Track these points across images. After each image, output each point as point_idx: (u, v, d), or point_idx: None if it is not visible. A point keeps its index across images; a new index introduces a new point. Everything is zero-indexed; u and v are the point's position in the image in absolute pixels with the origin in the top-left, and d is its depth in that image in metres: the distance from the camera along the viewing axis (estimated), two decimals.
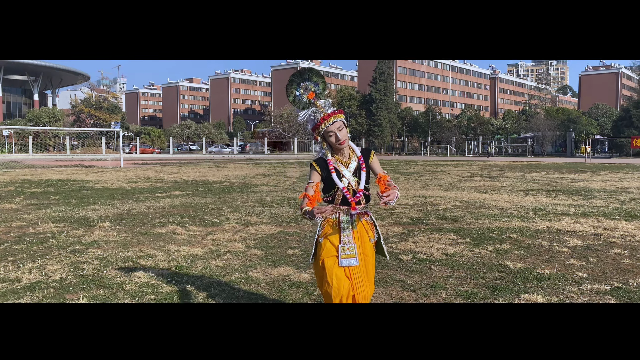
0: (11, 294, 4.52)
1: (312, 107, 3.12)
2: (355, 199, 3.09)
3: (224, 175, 21.30)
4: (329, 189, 3.14)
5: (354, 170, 3.12)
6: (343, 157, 3.15)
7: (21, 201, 11.84)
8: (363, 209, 3.16)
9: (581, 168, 28.38)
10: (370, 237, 3.18)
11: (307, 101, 3.12)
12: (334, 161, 3.13)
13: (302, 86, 3.14)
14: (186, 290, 4.65)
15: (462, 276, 5.16)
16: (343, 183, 3.09)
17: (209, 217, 9.13)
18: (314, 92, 3.13)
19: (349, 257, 3.06)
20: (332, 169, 3.10)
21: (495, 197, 12.61)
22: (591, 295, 4.49)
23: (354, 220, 3.10)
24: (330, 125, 3.06)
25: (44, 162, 37.49)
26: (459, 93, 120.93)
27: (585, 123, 66.75)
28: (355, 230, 3.11)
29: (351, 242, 3.08)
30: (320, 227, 3.17)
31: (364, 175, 3.13)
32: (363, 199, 3.14)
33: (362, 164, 3.14)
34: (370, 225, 3.22)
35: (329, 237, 3.11)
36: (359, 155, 3.17)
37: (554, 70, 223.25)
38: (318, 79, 3.15)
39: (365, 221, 3.18)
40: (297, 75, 3.15)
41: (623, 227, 8.01)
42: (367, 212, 3.20)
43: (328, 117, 3.07)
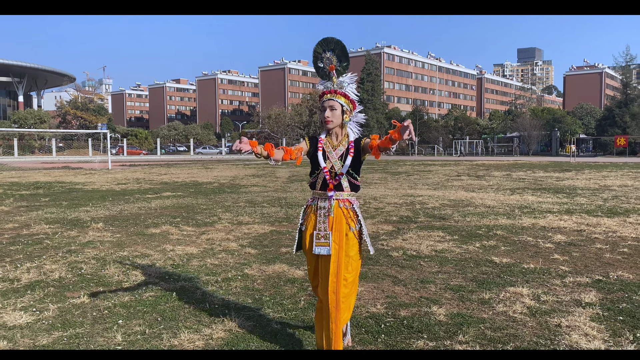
0: (12, 293, 4.61)
1: (329, 80, 3.13)
2: (334, 182, 3.05)
3: (214, 176, 21.36)
4: (314, 169, 3.13)
5: (342, 154, 3.08)
6: (334, 140, 3.13)
7: (11, 203, 11.83)
8: (347, 195, 3.09)
9: (566, 167, 28.85)
10: (351, 227, 3.07)
11: (327, 72, 3.13)
12: (324, 141, 3.13)
13: (324, 56, 3.13)
14: (184, 287, 4.77)
15: (451, 271, 5.34)
16: (326, 164, 3.07)
17: (202, 218, 9.24)
18: (335, 66, 3.12)
19: (322, 244, 3.02)
20: (320, 148, 3.10)
21: (482, 195, 12.86)
22: (573, 288, 4.70)
23: (331, 206, 3.04)
24: (325, 102, 3.07)
25: (30, 164, 37.16)
26: (446, 93, 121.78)
27: (570, 122, 67.71)
28: (332, 217, 3.04)
29: (326, 229, 3.03)
30: (303, 215, 3.20)
31: (350, 159, 3.06)
32: (348, 185, 3.08)
33: (350, 148, 3.07)
34: (352, 214, 3.11)
35: (309, 225, 3.11)
36: (350, 140, 3.11)
37: (539, 70, 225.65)
38: (341, 52, 3.13)
39: (346, 209, 3.08)
40: (322, 45, 3.14)
41: (605, 223, 8.27)
42: (349, 200, 3.11)
43: (327, 93, 3.08)
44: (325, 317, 3.01)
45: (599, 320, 3.82)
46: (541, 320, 3.85)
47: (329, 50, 3.13)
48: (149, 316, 3.99)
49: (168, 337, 3.56)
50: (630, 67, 62.57)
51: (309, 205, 3.18)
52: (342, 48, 3.12)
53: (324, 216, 3.05)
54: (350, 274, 3.04)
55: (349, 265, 3.03)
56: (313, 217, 3.10)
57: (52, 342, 3.47)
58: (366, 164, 18.42)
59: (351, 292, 3.07)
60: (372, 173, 23.48)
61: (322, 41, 3.14)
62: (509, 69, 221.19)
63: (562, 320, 3.81)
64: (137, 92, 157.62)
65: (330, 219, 3.04)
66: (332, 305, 2.96)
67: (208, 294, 4.54)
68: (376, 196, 12.78)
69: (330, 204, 3.05)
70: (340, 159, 3.07)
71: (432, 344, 3.41)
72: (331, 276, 2.97)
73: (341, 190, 3.07)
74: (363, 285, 4.79)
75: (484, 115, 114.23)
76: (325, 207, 3.06)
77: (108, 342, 3.48)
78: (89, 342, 3.48)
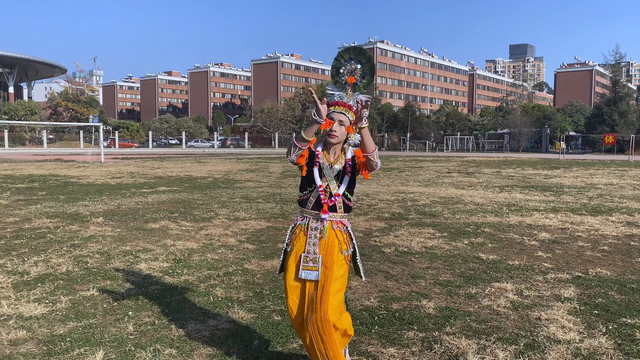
0: (24, 286, 4.84)
1: (344, 91, 2.94)
2: (329, 202, 2.85)
3: (207, 171, 21.54)
4: (306, 186, 2.91)
5: (338, 173, 2.89)
6: (331, 156, 2.90)
7: (8, 197, 11.98)
8: (340, 217, 2.91)
9: (555, 164, 29.33)
10: (342, 250, 2.87)
11: (343, 82, 2.96)
12: (321, 156, 2.89)
13: (350, 63, 2.96)
14: (188, 280, 5.03)
15: (440, 267, 5.64)
16: (322, 182, 2.87)
17: (199, 213, 9.48)
18: (355, 78, 2.95)
19: (310, 268, 2.80)
20: (317, 163, 2.87)
21: (471, 193, 13.19)
22: (554, 283, 5.01)
23: (324, 227, 2.85)
24: (336, 114, 2.83)
25: (22, 156, 37.06)
26: (438, 89, 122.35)
27: (560, 120, 68.46)
28: (324, 240, 2.84)
29: (316, 252, 2.82)
30: (290, 235, 2.97)
31: (347, 180, 2.89)
32: (342, 206, 2.90)
33: (347, 168, 2.88)
34: (345, 237, 2.91)
35: (295, 245, 2.90)
36: (347, 158, 2.90)
37: (530, 66, 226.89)
38: (368, 69, 2.97)
39: (339, 231, 2.89)
40: (353, 51, 2.98)
41: (588, 222, 8.62)
42: (342, 222, 2.92)
43: (342, 105, 2.85)
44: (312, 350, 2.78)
45: (575, 314, 4.13)
46: (523, 313, 4.15)
47: (358, 61, 2.96)
48: (157, 308, 4.24)
49: (176, 327, 3.82)
50: (619, 65, 63.27)
51: (297, 224, 2.94)
52: (371, 66, 2.98)
53: (314, 238, 2.84)
54: (335, 296, 2.80)
55: (334, 287, 2.80)
56: (303, 237, 2.88)
57: (69, 332, 3.71)
58: None
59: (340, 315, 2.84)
60: None
61: (355, 49, 2.98)
62: (501, 65, 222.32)
63: (542, 314, 4.11)
64: (128, 84, 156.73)
65: (322, 242, 2.84)
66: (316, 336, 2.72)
67: (211, 288, 4.80)
68: (369, 193, 13.06)
69: (324, 225, 2.85)
70: (337, 179, 2.88)
71: (422, 334, 3.70)
72: (317, 304, 2.75)
73: (335, 211, 2.87)
74: (357, 280, 5.07)
75: (475, 111, 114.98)
76: (317, 228, 2.85)
77: (121, 332, 3.73)
78: (103, 332, 3.73)
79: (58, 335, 3.66)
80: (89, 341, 3.56)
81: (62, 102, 75.76)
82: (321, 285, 2.77)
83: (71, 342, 3.54)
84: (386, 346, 3.49)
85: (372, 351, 3.42)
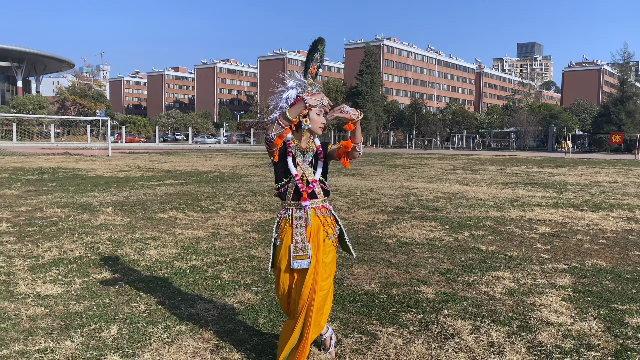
0: (39, 268, 5.04)
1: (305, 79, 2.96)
2: (308, 190, 2.87)
3: (213, 165, 21.76)
4: (282, 177, 2.92)
5: (311, 160, 2.93)
6: (303, 144, 2.94)
7: (19, 187, 12.23)
8: (322, 202, 2.94)
9: (560, 163, 29.36)
10: (329, 234, 2.93)
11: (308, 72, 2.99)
12: (293, 145, 2.91)
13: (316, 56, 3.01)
14: (196, 265, 5.22)
15: (440, 257, 5.80)
16: (297, 171, 2.89)
17: (206, 205, 9.67)
18: (316, 68, 3.00)
19: (301, 257, 2.84)
20: (290, 153, 2.88)
21: (475, 189, 13.33)
22: (550, 273, 5.16)
23: (308, 215, 2.88)
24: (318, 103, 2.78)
25: (30, 149, 37.44)
26: (445, 87, 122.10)
27: (566, 119, 68.26)
28: (309, 227, 2.88)
29: (304, 241, 2.85)
30: (276, 228, 2.99)
31: (321, 165, 2.93)
32: (321, 192, 2.92)
33: (320, 154, 2.94)
34: (330, 220, 2.98)
35: (284, 239, 2.91)
36: (317, 145, 2.97)
37: (538, 65, 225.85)
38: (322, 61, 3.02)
39: (323, 216, 2.94)
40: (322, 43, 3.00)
41: (589, 217, 8.75)
42: (325, 207, 2.97)
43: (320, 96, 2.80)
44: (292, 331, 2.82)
45: (569, 300, 4.28)
46: (518, 299, 4.31)
47: (319, 52, 3.00)
48: (167, 290, 4.43)
49: (186, 307, 4.01)
50: (627, 64, 63.02)
51: (282, 218, 2.96)
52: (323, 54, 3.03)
53: (300, 227, 2.87)
54: (325, 282, 2.89)
55: (324, 273, 2.89)
56: (289, 229, 2.90)
57: (84, 309, 3.91)
58: (363, 157, 19.17)
59: (325, 302, 2.92)
60: (370, 165, 23.93)
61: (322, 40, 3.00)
62: (508, 64, 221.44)
63: (536, 300, 4.27)
64: (135, 80, 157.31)
65: (308, 229, 2.88)
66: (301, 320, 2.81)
67: (219, 272, 4.99)
68: (373, 188, 13.22)
69: (307, 213, 2.88)
70: (311, 166, 2.93)
71: (420, 316, 3.87)
72: (304, 288, 2.82)
73: (315, 197, 2.90)
74: (359, 267, 5.24)
75: (481, 109, 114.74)
76: (301, 217, 2.88)
77: (133, 310, 3.92)
78: (116, 310, 3.92)
79: (74, 312, 3.86)
80: (104, 318, 3.75)
81: (70, 97, 76.21)
82: (310, 273, 2.83)
83: (86, 318, 3.74)
84: (385, 326, 3.67)
85: (371, 330, 3.59)
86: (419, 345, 3.31)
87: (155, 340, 3.37)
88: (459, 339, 3.42)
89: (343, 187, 13.34)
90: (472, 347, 3.30)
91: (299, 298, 2.82)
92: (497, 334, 3.52)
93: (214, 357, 3.15)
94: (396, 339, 3.42)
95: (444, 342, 3.39)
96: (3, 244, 6.09)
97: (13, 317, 3.74)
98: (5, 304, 4.01)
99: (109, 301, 4.12)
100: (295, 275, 2.89)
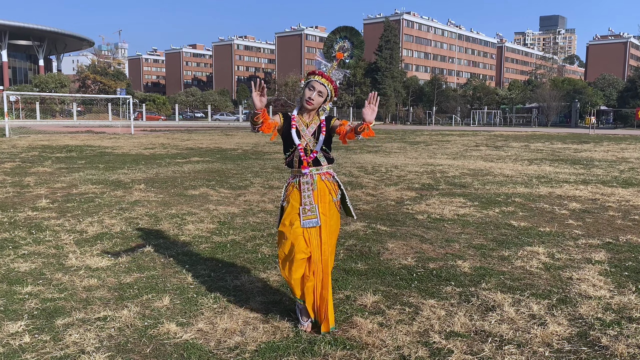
0: (85, 242, 5.24)
1: (329, 62, 3.24)
2: (309, 159, 3.18)
3: (236, 143, 21.93)
4: (288, 147, 3.24)
5: (314, 131, 3.21)
6: (307, 118, 3.23)
7: (51, 165, 12.54)
8: (326, 169, 3.26)
9: (584, 139, 28.88)
10: (333, 197, 3.25)
11: (332, 55, 3.25)
12: (297, 118, 3.23)
13: (343, 41, 3.26)
14: (235, 240, 5.36)
15: (473, 232, 5.86)
16: (300, 141, 3.19)
17: (234, 181, 9.83)
18: (344, 55, 3.24)
19: (310, 217, 3.14)
20: (294, 125, 3.20)
21: (500, 165, 13.26)
22: (585, 248, 5.19)
23: (314, 181, 3.20)
24: (316, 82, 3.14)
25: (53, 127, 38.09)
26: (465, 62, 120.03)
27: (590, 94, 66.71)
28: (316, 191, 3.19)
29: (312, 202, 3.15)
30: (284, 192, 3.31)
31: (322, 137, 3.20)
32: (324, 160, 3.24)
33: (322, 127, 3.20)
34: (333, 185, 3.29)
35: (291, 200, 3.21)
36: (322, 119, 3.23)
37: (561, 39, 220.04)
38: (358, 52, 3.26)
39: (328, 181, 3.26)
40: (348, 31, 3.28)
41: (619, 193, 8.68)
42: (329, 173, 3.29)
43: (321, 75, 3.15)
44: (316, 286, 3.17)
45: (606, 275, 4.32)
46: (555, 273, 4.37)
47: (351, 42, 3.26)
48: (210, 263, 4.59)
49: (231, 279, 4.15)
50: None
51: (290, 183, 3.29)
52: (361, 49, 3.29)
53: (308, 191, 3.17)
54: (332, 240, 3.24)
55: (330, 231, 3.22)
56: (297, 192, 3.20)
57: (135, 281, 4.08)
58: (384, 133, 19.23)
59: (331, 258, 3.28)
60: (391, 142, 23.86)
61: (351, 30, 3.27)
62: (531, 38, 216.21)
63: (573, 274, 4.32)
64: (153, 57, 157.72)
65: (315, 193, 3.18)
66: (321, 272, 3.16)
67: (257, 246, 5.13)
68: (397, 165, 13.24)
69: (313, 178, 3.20)
70: (314, 136, 3.21)
71: (459, 289, 3.96)
72: (324, 245, 3.17)
73: (319, 165, 3.22)
74: (393, 242, 5.34)
75: (503, 85, 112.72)
76: (308, 182, 3.19)
77: (181, 282, 4.08)
78: (165, 282, 4.08)
79: (126, 283, 4.03)
80: (154, 289, 3.92)
81: (91, 75, 76.92)
82: (324, 229, 3.17)
83: (138, 289, 3.91)
84: (426, 298, 3.76)
85: (413, 302, 3.69)
86: (462, 316, 3.40)
87: (206, 310, 3.52)
88: (500, 311, 3.51)
89: (367, 164, 13.38)
90: (514, 319, 3.38)
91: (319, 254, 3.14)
92: (537, 306, 3.59)
93: (265, 325, 3.28)
94: (439, 310, 3.52)
95: (485, 314, 3.48)
96: (46, 219, 6.31)
97: (69, 288, 3.92)
98: (59, 275, 4.20)
99: (156, 273, 4.28)
100: (309, 234, 3.15)
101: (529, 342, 3.06)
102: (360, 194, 8.49)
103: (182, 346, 3.00)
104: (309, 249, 3.14)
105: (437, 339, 3.08)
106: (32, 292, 3.81)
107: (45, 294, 3.79)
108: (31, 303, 3.60)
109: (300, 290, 3.18)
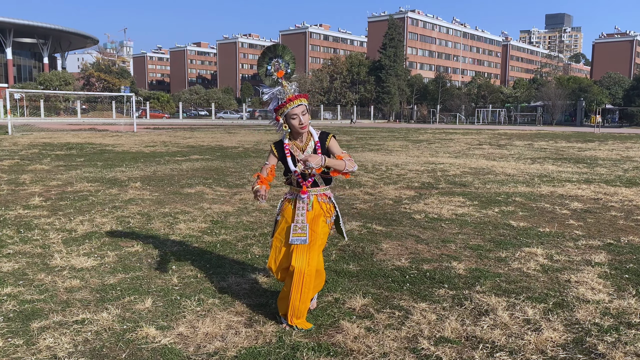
0: (73, 242, 5.13)
1: (279, 86, 3.16)
2: (307, 184, 3.20)
3: (237, 141, 21.83)
4: (287, 172, 3.25)
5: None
6: (300, 142, 3.22)
7: (49, 163, 12.46)
8: (323, 190, 3.29)
9: (589, 137, 28.62)
10: (326, 219, 3.28)
11: (275, 79, 3.16)
12: (290, 145, 3.21)
13: (273, 62, 3.18)
14: (226, 240, 5.25)
15: (470, 232, 5.72)
16: (297, 168, 3.17)
17: (232, 180, 9.71)
18: (284, 71, 3.16)
19: (299, 235, 3.15)
20: (288, 153, 3.19)
21: (502, 164, 13.09)
22: (585, 250, 5.04)
23: (310, 202, 3.23)
24: (295, 108, 3.10)
25: (57, 125, 38.12)
26: (470, 60, 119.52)
27: (596, 92, 66.23)
28: (310, 212, 3.22)
29: (304, 222, 3.17)
30: (280, 206, 3.36)
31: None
32: (322, 182, 3.28)
33: (317, 148, 3.18)
34: (329, 207, 3.32)
35: (285, 216, 3.27)
36: (316, 140, 3.21)
37: (567, 37, 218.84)
38: (290, 59, 3.22)
39: (324, 203, 3.29)
40: (271, 50, 3.23)
41: (622, 192, 8.51)
42: (326, 194, 3.31)
43: (294, 99, 3.10)
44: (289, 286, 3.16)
45: (605, 277, 4.18)
46: (552, 276, 4.23)
47: (279, 57, 3.20)
48: (198, 263, 4.47)
49: (218, 280, 4.04)
50: None
51: (286, 198, 3.33)
52: (291, 55, 3.25)
53: (302, 209, 3.21)
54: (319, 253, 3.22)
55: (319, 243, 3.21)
56: (290, 208, 3.26)
57: (118, 282, 3.97)
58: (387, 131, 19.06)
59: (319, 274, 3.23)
60: (394, 140, 23.70)
61: (270, 49, 3.24)
62: (536, 36, 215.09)
63: (571, 276, 4.18)
64: (158, 55, 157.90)
65: (309, 213, 3.22)
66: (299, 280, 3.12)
67: (248, 246, 5.01)
68: (398, 163, 13.10)
69: (310, 199, 3.24)
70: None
71: (452, 292, 3.82)
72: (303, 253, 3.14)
73: (317, 186, 3.27)
74: (388, 243, 5.21)
75: (508, 83, 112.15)
76: (304, 201, 3.22)
77: (166, 283, 3.97)
78: (150, 283, 3.97)
79: (109, 284, 3.92)
80: (138, 290, 3.80)
81: (95, 73, 76.99)
82: (310, 245, 3.17)
83: (121, 290, 3.80)
84: (418, 301, 3.63)
85: (403, 305, 3.56)
86: (453, 321, 3.27)
87: (189, 313, 3.40)
88: (493, 316, 3.37)
89: (368, 162, 13.25)
90: (507, 324, 3.25)
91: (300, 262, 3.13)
92: (532, 310, 3.45)
93: (248, 329, 3.16)
94: (429, 314, 3.39)
95: (478, 319, 3.34)
96: (37, 217, 6.22)
97: (50, 289, 3.82)
98: (42, 275, 4.10)
99: (141, 274, 4.17)
100: (291, 248, 3.18)
101: (522, 349, 2.93)
102: (358, 192, 8.36)
103: (159, 351, 2.88)
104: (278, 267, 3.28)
105: (426, 345, 2.95)
106: (11, 294, 3.71)
107: (25, 295, 3.69)
108: (9, 305, 3.49)
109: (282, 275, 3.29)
